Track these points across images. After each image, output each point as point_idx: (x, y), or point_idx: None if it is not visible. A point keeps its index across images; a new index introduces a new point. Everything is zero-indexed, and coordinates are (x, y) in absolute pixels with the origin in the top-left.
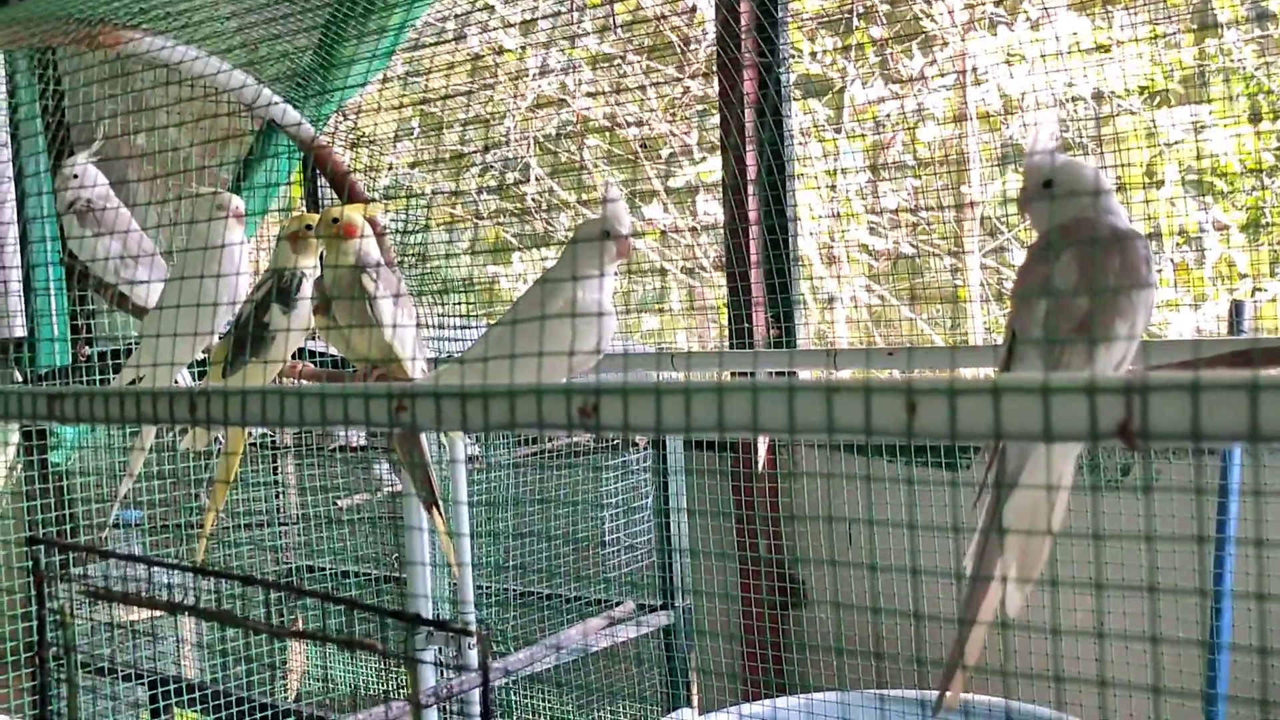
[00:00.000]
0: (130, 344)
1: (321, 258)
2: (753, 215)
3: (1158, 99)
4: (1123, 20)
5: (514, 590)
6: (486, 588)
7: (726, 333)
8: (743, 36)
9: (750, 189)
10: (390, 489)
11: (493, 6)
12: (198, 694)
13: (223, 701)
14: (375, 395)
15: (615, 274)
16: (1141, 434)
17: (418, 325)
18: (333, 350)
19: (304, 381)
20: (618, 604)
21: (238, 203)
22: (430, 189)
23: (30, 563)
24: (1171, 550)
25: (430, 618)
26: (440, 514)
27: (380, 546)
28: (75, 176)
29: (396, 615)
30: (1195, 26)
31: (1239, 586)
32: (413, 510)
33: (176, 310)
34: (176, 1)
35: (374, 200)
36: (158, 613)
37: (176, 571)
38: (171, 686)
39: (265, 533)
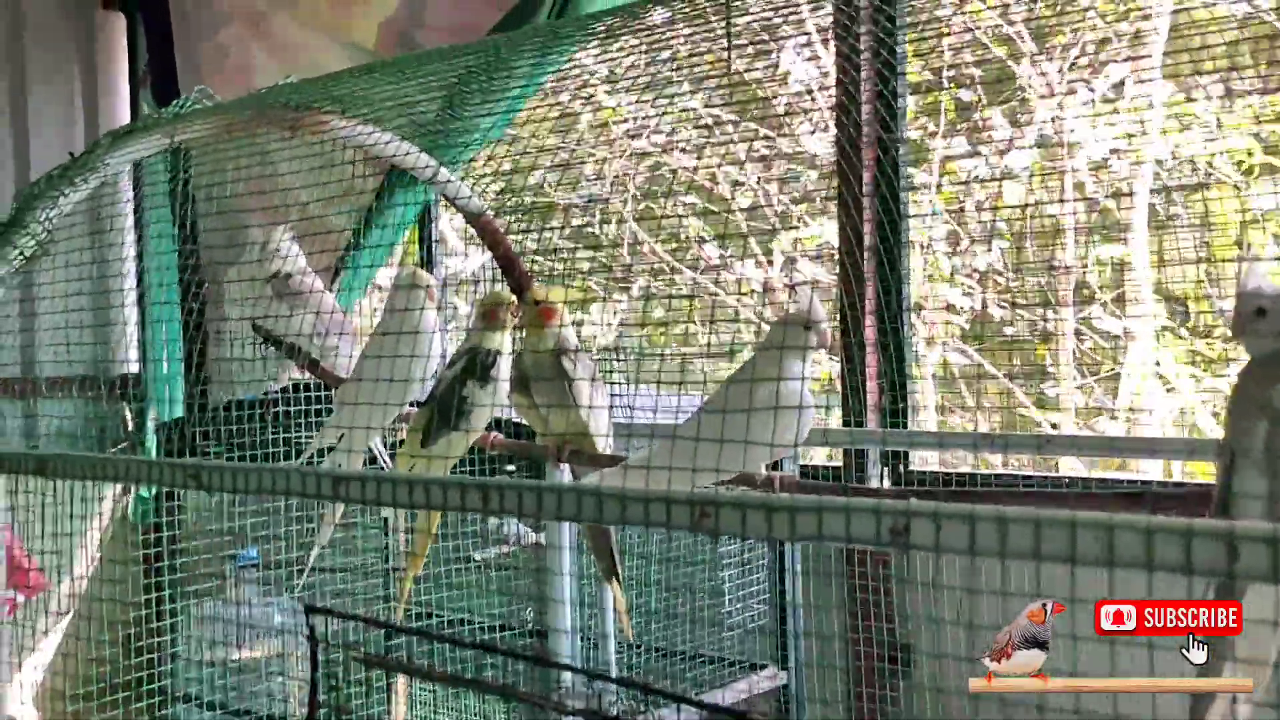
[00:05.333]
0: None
1: (520, 337)
2: (869, 285)
3: (1256, 171)
4: (1214, 91)
5: (644, 646)
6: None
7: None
8: (863, 119)
9: (865, 255)
10: (529, 542)
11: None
12: None
13: None
14: (677, 501)
15: (816, 363)
16: None
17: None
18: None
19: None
20: (735, 662)
21: (432, 281)
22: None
23: (309, 629)
24: None
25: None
26: (620, 586)
27: (521, 603)
28: (277, 250)
29: (663, 694)
30: None
31: None
32: (557, 583)
33: (375, 381)
34: (352, 80)
35: (563, 286)
36: (268, 654)
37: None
38: None
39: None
